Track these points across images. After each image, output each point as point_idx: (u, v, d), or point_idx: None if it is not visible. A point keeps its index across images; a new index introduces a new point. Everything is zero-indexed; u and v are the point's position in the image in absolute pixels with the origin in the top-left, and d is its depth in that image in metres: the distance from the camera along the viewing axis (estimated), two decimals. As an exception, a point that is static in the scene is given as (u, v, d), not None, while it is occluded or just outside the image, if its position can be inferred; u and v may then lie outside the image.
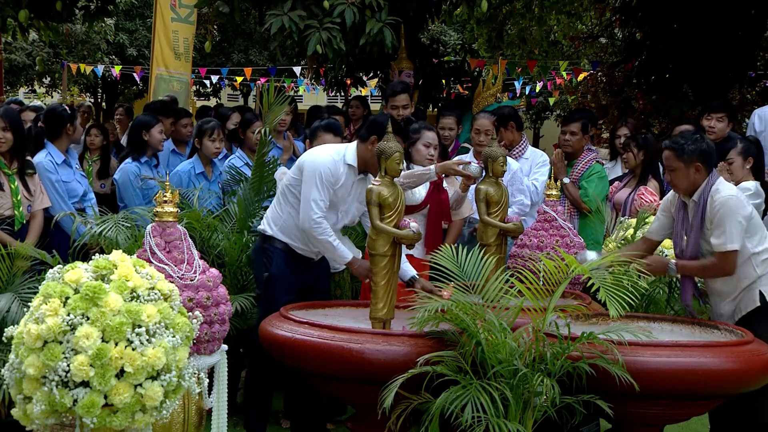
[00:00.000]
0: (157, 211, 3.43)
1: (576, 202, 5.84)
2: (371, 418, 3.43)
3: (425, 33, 14.75)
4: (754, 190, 5.08)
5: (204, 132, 5.86)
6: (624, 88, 9.95)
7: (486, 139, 5.60)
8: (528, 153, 5.90)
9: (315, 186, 4.24)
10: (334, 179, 4.28)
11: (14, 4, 7.70)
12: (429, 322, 3.54)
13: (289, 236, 4.40)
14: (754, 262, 4.02)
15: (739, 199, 3.99)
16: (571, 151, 5.91)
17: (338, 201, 4.35)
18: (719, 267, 4.00)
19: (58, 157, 5.51)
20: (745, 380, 3.48)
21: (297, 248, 4.41)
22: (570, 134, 5.93)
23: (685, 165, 4.04)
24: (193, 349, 3.16)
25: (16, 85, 20.58)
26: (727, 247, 3.93)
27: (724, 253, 3.95)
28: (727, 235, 3.93)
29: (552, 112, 19.44)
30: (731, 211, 3.93)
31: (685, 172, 4.04)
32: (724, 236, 3.93)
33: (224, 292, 3.46)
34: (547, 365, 3.31)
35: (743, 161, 5.09)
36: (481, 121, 5.69)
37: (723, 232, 3.93)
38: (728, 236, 3.93)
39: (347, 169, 4.31)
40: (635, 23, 9.88)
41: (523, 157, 5.87)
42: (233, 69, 18.94)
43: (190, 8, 9.98)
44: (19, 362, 2.69)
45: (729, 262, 3.97)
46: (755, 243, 4.02)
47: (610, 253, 4.30)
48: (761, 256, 4.03)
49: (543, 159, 5.87)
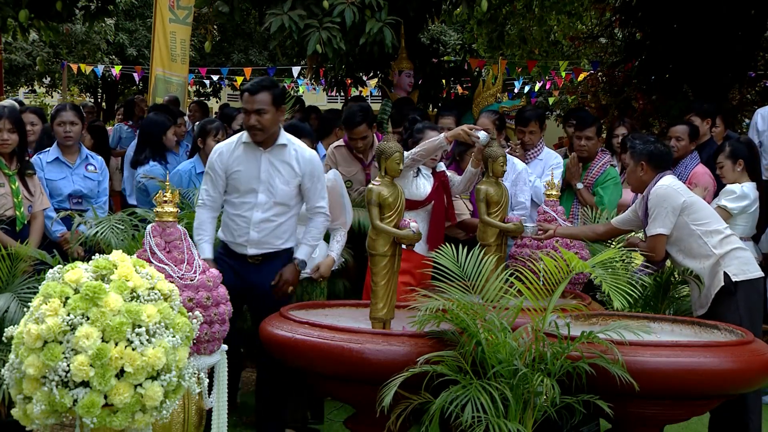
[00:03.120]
0: (157, 211, 3.43)
1: (591, 207, 5.71)
2: (371, 418, 3.43)
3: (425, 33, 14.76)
4: (738, 192, 5.08)
5: (207, 132, 5.86)
6: (624, 88, 9.95)
7: None
8: (543, 154, 5.87)
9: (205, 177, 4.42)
10: (223, 164, 4.32)
11: (14, 4, 7.69)
12: (429, 322, 3.54)
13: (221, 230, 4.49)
14: (710, 243, 4.27)
15: (670, 190, 4.31)
16: (587, 156, 5.79)
17: (242, 181, 4.32)
18: (648, 249, 4.35)
19: (51, 156, 5.52)
20: (745, 380, 3.48)
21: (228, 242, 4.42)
22: (586, 139, 5.76)
23: (634, 163, 4.46)
24: (193, 349, 3.15)
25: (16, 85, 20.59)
26: (651, 231, 4.31)
27: (650, 237, 4.33)
28: (654, 220, 4.29)
29: (552, 112, 19.43)
30: (659, 199, 4.28)
31: (634, 169, 4.47)
32: (652, 222, 4.31)
33: (224, 292, 3.46)
34: (547, 365, 3.31)
35: (732, 164, 5.10)
36: (482, 120, 5.68)
37: (653, 219, 4.30)
38: (654, 222, 4.30)
39: (244, 148, 4.33)
40: (635, 23, 9.88)
41: (537, 158, 5.85)
42: (233, 69, 18.95)
43: (188, 9, 9.99)
44: (19, 362, 2.69)
45: (654, 245, 4.32)
46: (701, 223, 4.30)
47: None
48: (714, 237, 4.28)
49: (557, 161, 5.83)
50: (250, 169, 4.31)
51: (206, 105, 10.00)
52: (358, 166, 5.69)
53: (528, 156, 5.82)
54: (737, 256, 4.28)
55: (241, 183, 4.33)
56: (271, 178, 4.30)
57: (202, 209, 4.40)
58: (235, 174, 4.33)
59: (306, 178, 4.34)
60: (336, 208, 4.66)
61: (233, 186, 4.35)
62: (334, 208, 4.59)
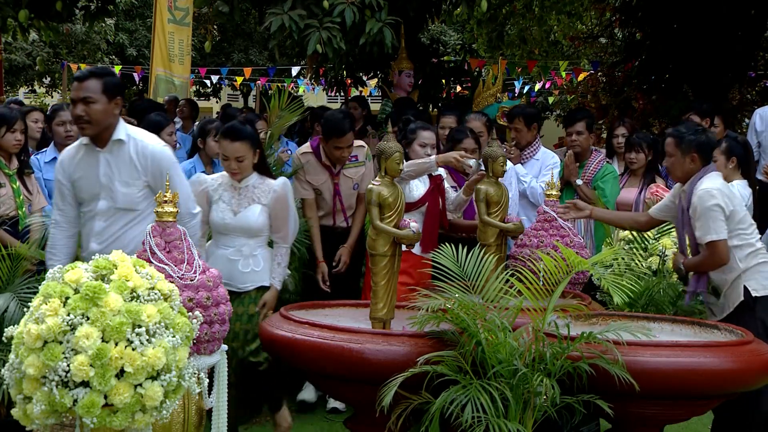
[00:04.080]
0: (157, 211, 3.43)
1: (592, 203, 5.76)
2: (371, 418, 3.43)
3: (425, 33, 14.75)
4: None
5: (208, 132, 5.86)
6: (624, 88, 9.95)
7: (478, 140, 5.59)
8: (539, 154, 5.87)
9: (54, 192, 4.06)
10: (65, 172, 3.95)
11: (14, 4, 7.70)
12: (429, 322, 3.54)
13: None
14: (738, 256, 4.14)
15: (713, 192, 4.10)
16: (580, 151, 5.88)
17: (84, 187, 3.93)
18: (709, 258, 4.13)
19: (48, 156, 5.53)
20: (745, 380, 3.48)
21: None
22: (576, 134, 5.90)
23: (682, 153, 4.23)
24: (193, 349, 3.15)
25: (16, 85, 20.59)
26: (706, 239, 4.09)
27: (708, 244, 4.10)
28: (705, 227, 4.08)
29: (552, 112, 19.43)
30: (704, 203, 4.08)
31: (681, 160, 4.24)
32: (702, 228, 4.10)
33: (224, 292, 3.46)
34: (547, 365, 3.31)
35: (726, 160, 5.11)
36: (473, 122, 5.68)
37: (702, 225, 4.10)
38: (705, 228, 4.08)
39: (84, 150, 3.94)
40: (635, 23, 9.89)
41: (534, 157, 5.85)
42: (233, 69, 18.95)
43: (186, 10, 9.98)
44: (19, 362, 2.69)
45: (716, 252, 4.09)
46: (735, 235, 4.13)
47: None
48: (744, 251, 4.15)
49: (554, 161, 5.84)
50: (90, 173, 3.89)
51: (195, 103, 9.99)
52: (326, 174, 5.28)
53: (524, 156, 5.83)
54: (761, 270, 4.17)
55: (84, 191, 3.92)
56: (110, 181, 3.86)
57: (54, 228, 3.98)
58: (78, 182, 3.93)
59: (151, 176, 3.87)
60: (278, 220, 4.33)
61: (79, 195, 3.94)
62: (276, 219, 4.31)
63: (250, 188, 4.31)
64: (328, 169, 5.28)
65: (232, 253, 4.27)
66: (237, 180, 4.29)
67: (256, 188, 4.31)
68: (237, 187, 4.31)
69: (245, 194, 4.29)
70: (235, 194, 4.30)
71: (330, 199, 5.30)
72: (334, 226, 5.35)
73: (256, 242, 4.31)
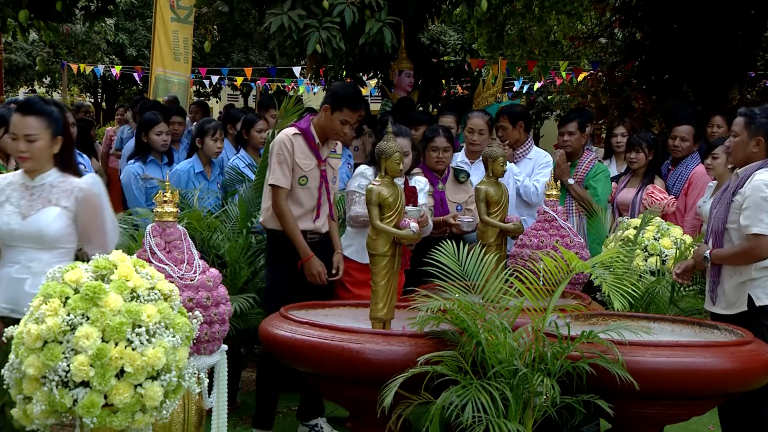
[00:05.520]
0: (157, 211, 3.42)
1: (585, 202, 5.78)
2: (371, 418, 3.43)
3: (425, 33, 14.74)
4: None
5: (206, 132, 5.87)
6: (624, 88, 9.96)
7: (480, 138, 5.59)
8: (532, 153, 5.88)
9: None
10: None
11: (14, 4, 7.71)
12: (429, 322, 3.54)
13: None
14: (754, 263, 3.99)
15: None
16: (572, 151, 5.89)
17: None
18: (747, 250, 3.95)
19: None
20: (745, 380, 3.48)
21: None
22: (568, 134, 5.91)
23: (749, 135, 4.03)
24: (193, 349, 3.15)
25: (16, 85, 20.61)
26: (753, 230, 3.90)
27: (751, 237, 3.92)
28: (753, 217, 3.90)
29: (552, 112, 19.44)
30: (758, 193, 3.90)
31: (746, 141, 4.04)
32: (750, 218, 3.91)
33: (224, 292, 3.45)
34: (547, 365, 3.30)
35: (727, 158, 5.10)
36: (475, 120, 5.68)
37: (750, 215, 3.91)
38: (753, 219, 3.90)
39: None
40: (635, 23, 9.89)
41: (526, 157, 5.86)
42: (233, 69, 18.97)
43: (189, 9, 10.01)
44: (19, 362, 2.69)
45: (758, 246, 3.91)
46: None
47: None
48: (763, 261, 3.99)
49: (546, 160, 5.84)
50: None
51: (207, 105, 10.01)
52: (314, 160, 4.62)
53: (516, 155, 5.83)
54: None
55: None
56: None
57: None
58: None
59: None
60: (88, 227, 3.49)
61: None
62: (85, 227, 3.48)
63: (47, 187, 3.45)
64: (317, 155, 4.65)
65: (18, 270, 3.41)
66: (28, 171, 3.46)
67: (55, 187, 3.45)
68: (30, 186, 3.45)
69: (39, 194, 3.44)
70: (26, 194, 3.45)
71: (315, 189, 4.62)
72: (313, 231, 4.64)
73: (52, 256, 3.39)
